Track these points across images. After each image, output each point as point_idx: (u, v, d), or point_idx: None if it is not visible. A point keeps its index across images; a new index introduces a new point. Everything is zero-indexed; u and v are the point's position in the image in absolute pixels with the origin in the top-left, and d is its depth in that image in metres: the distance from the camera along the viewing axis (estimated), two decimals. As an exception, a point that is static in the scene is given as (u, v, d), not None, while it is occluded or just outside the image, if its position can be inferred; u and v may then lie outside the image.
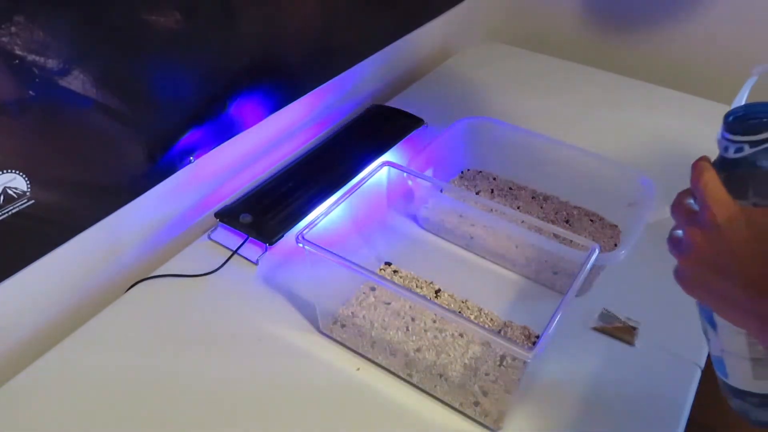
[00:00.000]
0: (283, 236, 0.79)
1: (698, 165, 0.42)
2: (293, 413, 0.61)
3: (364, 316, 0.69)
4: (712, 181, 0.40)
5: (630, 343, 0.68)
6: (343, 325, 0.68)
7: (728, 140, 0.41)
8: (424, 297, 0.60)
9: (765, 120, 0.39)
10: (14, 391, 0.62)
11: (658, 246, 0.80)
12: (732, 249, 0.38)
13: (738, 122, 0.40)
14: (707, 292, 0.41)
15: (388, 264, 0.77)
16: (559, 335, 0.67)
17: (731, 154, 0.41)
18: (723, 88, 1.25)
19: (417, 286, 0.74)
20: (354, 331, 0.67)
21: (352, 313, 0.69)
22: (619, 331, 0.69)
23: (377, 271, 0.76)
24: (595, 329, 0.69)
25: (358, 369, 0.65)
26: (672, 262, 0.45)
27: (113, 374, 0.64)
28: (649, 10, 1.30)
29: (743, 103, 0.41)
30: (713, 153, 1.00)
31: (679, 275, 0.43)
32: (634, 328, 0.69)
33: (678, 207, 0.45)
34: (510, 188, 0.90)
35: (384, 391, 0.63)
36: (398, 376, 0.64)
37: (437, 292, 0.73)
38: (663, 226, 0.77)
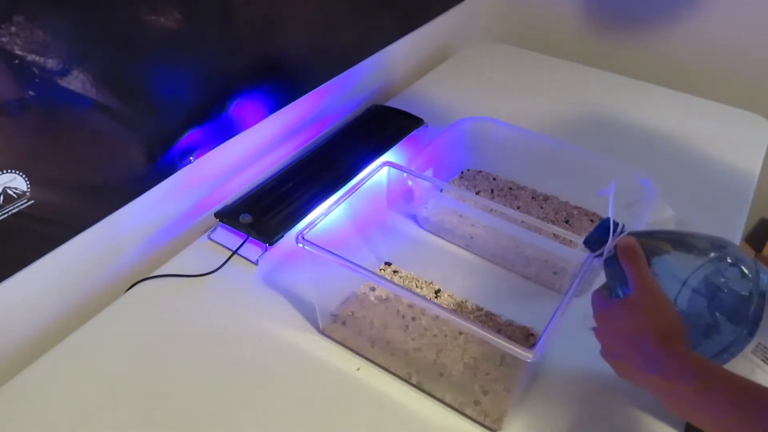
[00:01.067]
0: (283, 236, 0.79)
1: (633, 250, 0.51)
2: (293, 413, 0.61)
3: (364, 316, 0.69)
4: (641, 267, 0.50)
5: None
6: (343, 323, 0.68)
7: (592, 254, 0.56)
8: (423, 297, 0.60)
9: (600, 239, 0.54)
10: (14, 391, 0.62)
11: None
12: (647, 319, 0.48)
13: (588, 244, 0.56)
14: (627, 367, 0.49)
15: (388, 264, 0.77)
16: (559, 335, 0.67)
17: (600, 260, 0.55)
18: (723, 88, 1.26)
19: (417, 286, 0.74)
20: (354, 330, 0.67)
21: (352, 312, 0.69)
22: (619, 331, 0.69)
23: (377, 271, 0.76)
24: (595, 329, 0.69)
25: (358, 369, 0.65)
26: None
27: (113, 374, 0.64)
28: (649, 9, 1.30)
29: (610, 214, 0.55)
30: (712, 153, 1.01)
31: (606, 353, 0.52)
32: (634, 328, 0.69)
33: (598, 296, 0.55)
34: (510, 188, 0.90)
35: (384, 391, 0.63)
36: (398, 376, 0.64)
37: (437, 292, 0.73)
38: (663, 226, 0.77)
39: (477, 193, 0.89)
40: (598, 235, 0.54)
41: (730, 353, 0.49)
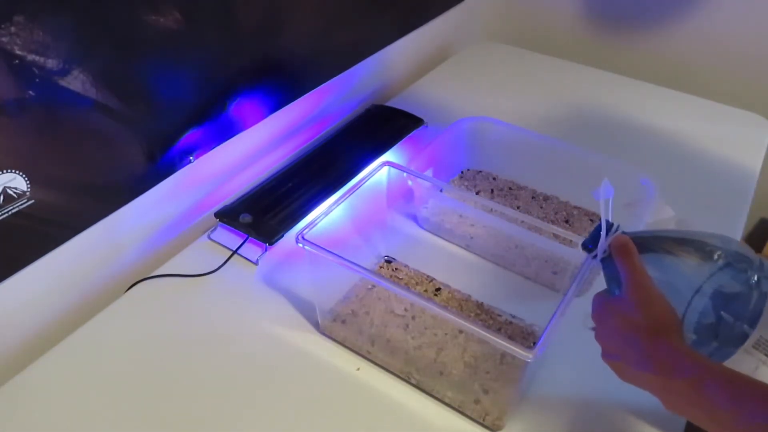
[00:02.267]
0: (283, 236, 0.79)
1: (626, 247, 0.51)
2: (293, 413, 0.61)
3: (364, 315, 0.69)
4: (633, 264, 0.50)
5: (630, 343, 0.68)
6: (343, 322, 0.68)
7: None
8: (423, 296, 0.60)
9: (597, 241, 0.54)
10: (14, 391, 0.62)
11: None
12: (638, 315, 0.47)
13: (585, 246, 0.56)
14: (626, 368, 0.48)
15: (389, 262, 0.77)
16: (559, 335, 0.67)
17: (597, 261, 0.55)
18: (723, 88, 1.26)
19: (417, 284, 0.74)
20: (354, 329, 0.67)
21: (352, 311, 0.69)
22: (619, 331, 0.69)
23: (377, 266, 0.76)
24: (594, 331, 0.69)
25: (358, 369, 0.65)
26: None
27: (113, 374, 0.64)
28: (649, 10, 1.30)
29: (610, 218, 0.54)
30: (712, 153, 1.01)
31: (606, 354, 0.51)
32: (634, 328, 0.69)
33: (598, 297, 0.54)
34: (510, 188, 0.90)
35: (384, 391, 0.63)
36: (398, 376, 0.64)
37: (437, 290, 0.73)
38: (663, 226, 0.77)
39: (477, 193, 0.89)
40: (595, 237, 0.54)
41: (730, 352, 0.49)
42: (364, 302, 0.70)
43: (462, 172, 0.93)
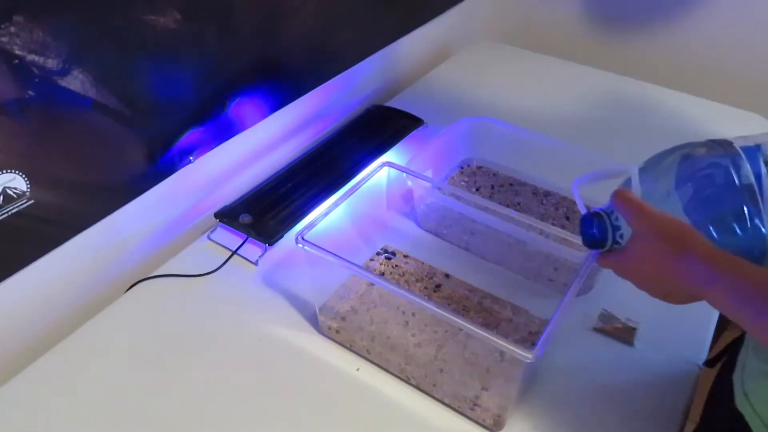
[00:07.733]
0: (282, 236, 0.79)
1: (621, 194, 0.51)
2: (293, 413, 0.61)
3: (364, 312, 0.69)
4: (629, 202, 0.50)
5: (629, 343, 0.68)
6: (343, 319, 0.68)
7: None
8: (422, 297, 0.60)
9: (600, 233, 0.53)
10: (14, 391, 0.62)
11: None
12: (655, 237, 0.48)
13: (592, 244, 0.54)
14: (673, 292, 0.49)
15: (389, 258, 0.77)
16: (559, 335, 0.67)
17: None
18: (723, 88, 1.26)
19: (417, 280, 0.74)
20: (354, 327, 0.67)
21: (352, 307, 0.69)
22: (619, 331, 0.69)
23: (378, 262, 0.76)
24: (595, 329, 0.69)
25: (358, 369, 0.65)
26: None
27: (113, 374, 0.64)
28: (649, 10, 1.30)
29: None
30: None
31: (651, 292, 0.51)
32: (634, 329, 0.69)
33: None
34: (511, 184, 0.90)
35: (384, 391, 0.63)
36: (398, 377, 0.64)
37: (438, 286, 0.73)
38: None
39: (477, 190, 0.89)
40: (591, 229, 0.53)
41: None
42: (364, 299, 0.71)
43: (462, 168, 0.92)
